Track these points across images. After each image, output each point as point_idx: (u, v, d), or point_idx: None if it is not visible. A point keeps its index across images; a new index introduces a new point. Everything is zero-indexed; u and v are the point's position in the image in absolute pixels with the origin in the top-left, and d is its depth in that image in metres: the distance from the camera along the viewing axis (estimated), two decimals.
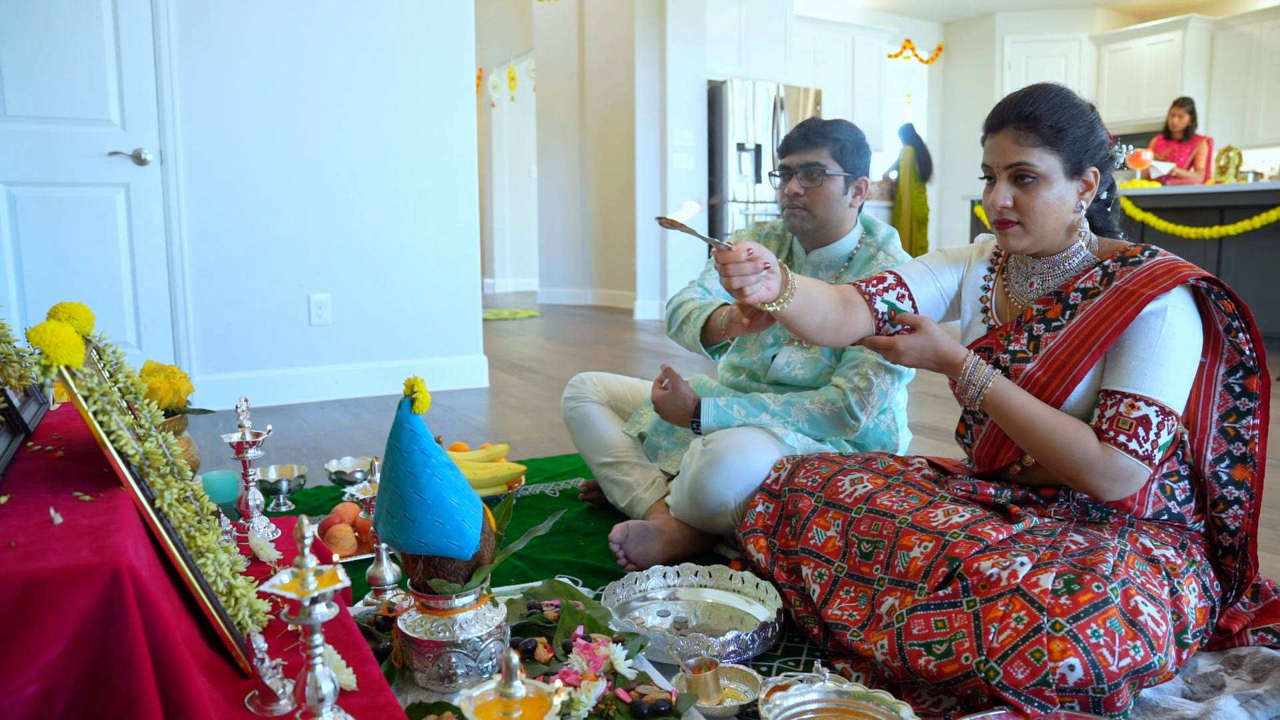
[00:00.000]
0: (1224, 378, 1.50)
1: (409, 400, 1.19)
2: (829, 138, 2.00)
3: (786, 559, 1.62)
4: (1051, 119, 1.43)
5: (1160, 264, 1.43)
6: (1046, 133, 1.43)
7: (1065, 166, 1.45)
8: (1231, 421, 1.50)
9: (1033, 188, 1.45)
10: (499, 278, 11.77)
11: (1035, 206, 1.46)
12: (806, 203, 2.02)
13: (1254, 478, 1.48)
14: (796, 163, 2.02)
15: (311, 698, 0.95)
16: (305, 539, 0.96)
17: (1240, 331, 1.47)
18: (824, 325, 1.56)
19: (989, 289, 1.65)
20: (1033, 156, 1.44)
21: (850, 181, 2.03)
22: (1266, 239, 5.44)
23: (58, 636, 0.80)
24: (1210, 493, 1.51)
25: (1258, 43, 9.09)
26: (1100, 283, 1.48)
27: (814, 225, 2.04)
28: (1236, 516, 1.49)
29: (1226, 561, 1.51)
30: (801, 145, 2.02)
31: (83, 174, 3.48)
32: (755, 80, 8.09)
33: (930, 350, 1.54)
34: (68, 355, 1.00)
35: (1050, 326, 1.50)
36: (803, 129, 2.02)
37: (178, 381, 2.29)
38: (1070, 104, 1.46)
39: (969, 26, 10.70)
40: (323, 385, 4.03)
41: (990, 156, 1.50)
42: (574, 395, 2.33)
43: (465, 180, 4.25)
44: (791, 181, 2.03)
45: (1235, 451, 1.50)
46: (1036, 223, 1.47)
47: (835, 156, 2.00)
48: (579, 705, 1.17)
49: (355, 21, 3.92)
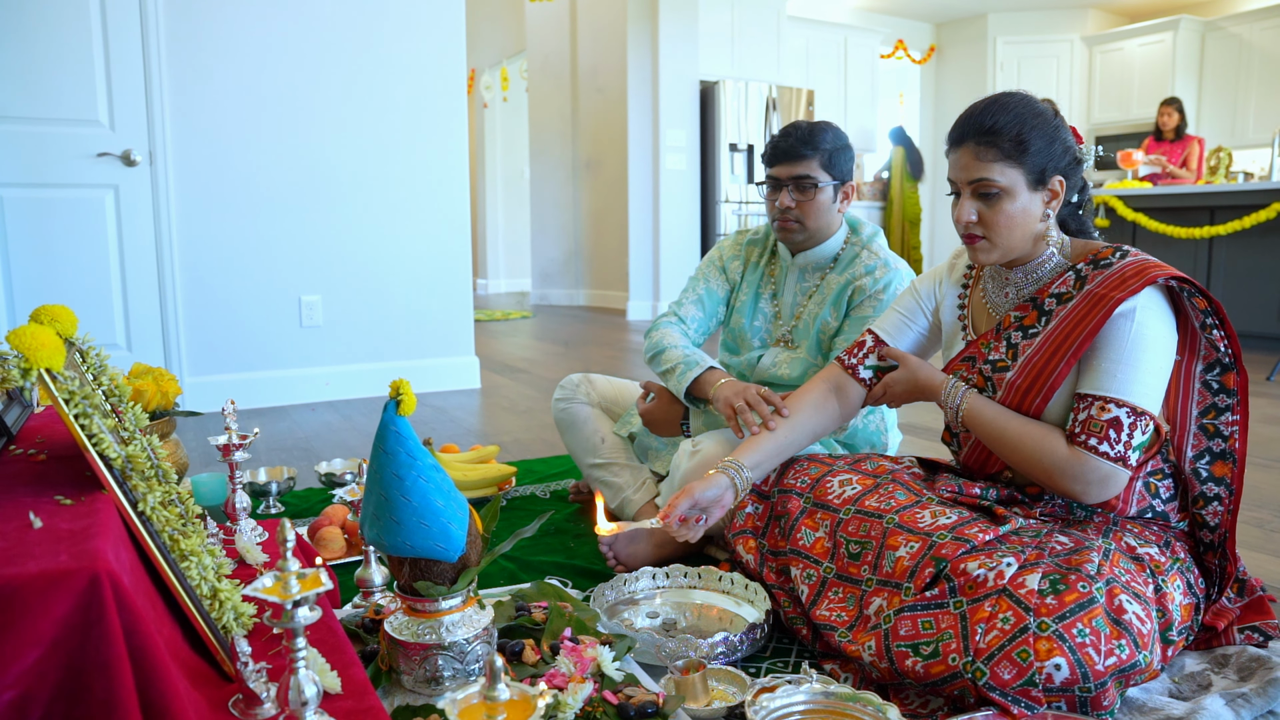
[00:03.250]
0: (1201, 374, 1.51)
1: (394, 402, 1.19)
2: (817, 148, 1.97)
3: (775, 560, 1.62)
4: (1012, 132, 1.42)
5: (1130, 265, 1.43)
6: (1007, 147, 1.43)
7: (1028, 179, 1.45)
8: (1211, 418, 1.50)
9: (996, 202, 1.45)
10: (492, 278, 11.76)
11: (1000, 221, 1.45)
12: (798, 215, 2.00)
13: (1234, 474, 1.49)
14: (786, 175, 1.99)
15: (294, 701, 0.95)
16: (287, 542, 0.96)
17: (1215, 329, 1.47)
18: (823, 431, 1.70)
19: (964, 306, 1.67)
20: (994, 172, 1.43)
21: (839, 188, 2.02)
22: (1257, 239, 5.46)
23: (35, 642, 0.79)
24: (1191, 489, 1.51)
25: (1248, 43, 9.12)
26: (1074, 287, 1.48)
27: (805, 236, 2.04)
28: (1216, 513, 1.49)
29: (1207, 558, 1.51)
30: (790, 156, 1.98)
31: (71, 175, 3.46)
32: (748, 81, 8.10)
33: (911, 381, 1.61)
34: (48, 358, 0.99)
35: (1028, 334, 1.50)
36: (790, 139, 1.98)
37: (165, 384, 2.28)
38: (1032, 114, 1.45)
39: (961, 27, 10.71)
40: (314, 387, 4.02)
41: (953, 171, 1.49)
42: (564, 397, 2.33)
43: (457, 181, 4.25)
44: (782, 195, 2.00)
45: (1215, 448, 1.50)
46: (1002, 236, 1.47)
47: (824, 166, 1.98)
48: (565, 708, 1.17)
49: (345, 22, 3.91)
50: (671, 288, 8.01)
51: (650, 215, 8.06)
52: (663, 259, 8.02)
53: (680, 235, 8.09)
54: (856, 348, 1.71)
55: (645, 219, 8.07)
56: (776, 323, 2.14)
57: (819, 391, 1.69)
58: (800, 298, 2.10)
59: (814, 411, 1.68)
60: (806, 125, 2.00)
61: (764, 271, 2.18)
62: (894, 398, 1.65)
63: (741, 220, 8.13)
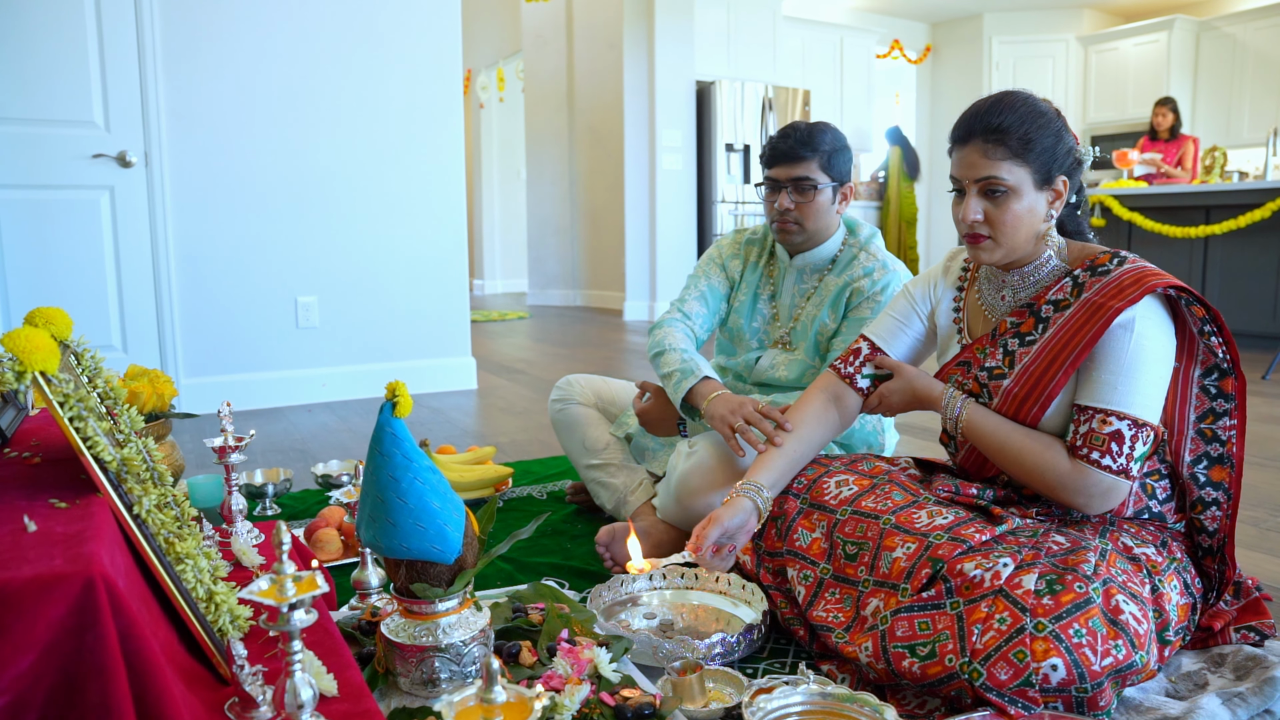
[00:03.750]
0: (1200, 379, 1.50)
1: (390, 404, 1.18)
2: (816, 149, 1.96)
3: (772, 561, 1.61)
4: (1019, 130, 1.42)
5: (1127, 274, 1.41)
6: (1015, 145, 1.42)
7: (1035, 178, 1.44)
8: (1209, 423, 1.50)
9: (1003, 201, 1.44)
10: (488, 279, 11.75)
11: (1006, 220, 1.44)
12: (798, 217, 2.00)
13: (1231, 479, 1.48)
14: (785, 176, 1.99)
15: (290, 704, 0.95)
16: (283, 544, 0.96)
17: (1212, 335, 1.46)
18: (826, 440, 1.69)
19: (959, 309, 1.66)
20: (1001, 170, 1.42)
21: (838, 189, 2.02)
22: (1251, 238, 5.47)
23: (29, 647, 0.79)
24: (1189, 493, 1.51)
25: (1242, 43, 9.14)
26: (1071, 294, 1.47)
27: (804, 237, 2.04)
28: (1215, 518, 1.49)
29: (1206, 562, 1.51)
30: (789, 158, 1.98)
31: (67, 176, 3.45)
32: (744, 81, 8.10)
33: (909, 391, 1.61)
34: (42, 361, 0.99)
35: (1024, 341, 1.49)
36: (789, 140, 1.98)
37: (161, 386, 2.28)
38: (1037, 113, 1.44)
39: (957, 27, 10.73)
40: (310, 388, 4.02)
41: (959, 169, 1.48)
42: (561, 398, 2.33)
43: (453, 181, 4.24)
44: (782, 196, 2.00)
45: (1213, 452, 1.50)
46: (1008, 235, 1.46)
47: (823, 168, 1.98)
48: (562, 709, 1.16)
49: (342, 22, 3.91)
50: (668, 288, 8.01)
51: (647, 216, 8.06)
52: (659, 259, 8.02)
53: (677, 235, 8.09)
54: (852, 355, 1.70)
55: (642, 219, 8.07)
56: (774, 324, 2.13)
57: (819, 402, 1.68)
58: (799, 299, 2.10)
59: (817, 424, 1.66)
60: (805, 126, 1.99)
61: (763, 272, 2.17)
62: (890, 408, 1.64)
63: (738, 220, 8.13)
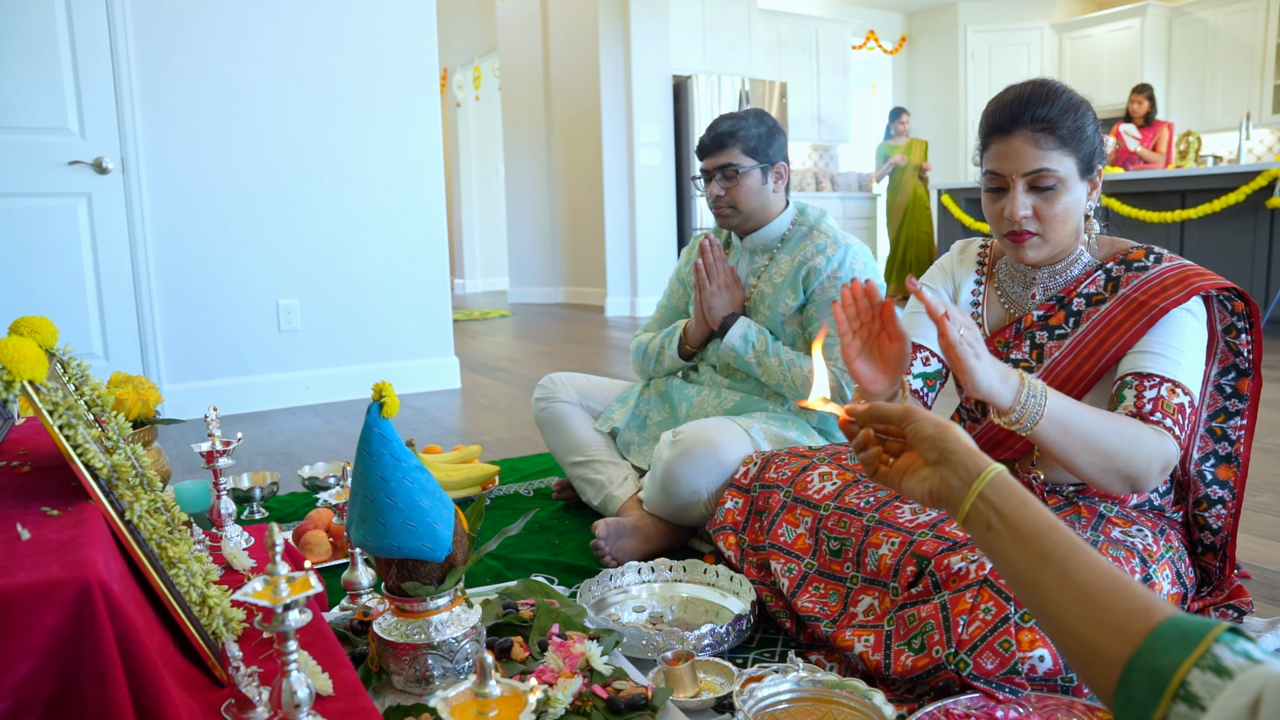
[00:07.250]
0: (1215, 378, 1.47)
1: (377, 405, 1.19)
2: (736, 136, 2.07)
3: (756, 554, 1.62)
4: (1069, 118, 1.33)
5: (1170, 273, 1.37)
6: (1065, 134, 1.33)
7: (1080, 168, 1.36)
8: (1220, 421, 1.48)
9: (1053, 195, 1.35)
10: (469, 278, 11.73)
11: (1056, 215, 1.36)
12: (730, 201, 2.11)
13: (1237, 478, 1.47)
14: (712, 166, 2.11)
15: (287, 704, 0.96)
16: (276, 546, 0.97)
17: (1243, 332, 1.43)
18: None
19: (979, 301, 1.59)
20: (1053, 161, 1.33)
21: (768, 170, 2.11)
22: (1226, 222, 5.54)
23: (28, 654, 0.79)
24: (1194, 491, 1.48)
25: (1214, 29, 9.22)
26: (1105, 288, 1.42)
27: (741, 219, 2.14)
28: (1219, 516, 1.47)
29: (1207, 559, 1.50)
30: (713, 149, 2.10)
31: (42, 184, 3.43)
32: (720, 74, 8.11)
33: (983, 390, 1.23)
34: (30, 370, 0.99)
35: (1054, 334, 1.45)
36: (711, 132, 2.11)
37: (145, 392, 2.27)
38: (1077, 99, 1.36)
39: (931, 17, 10.78)
40: (294, 391, 4.01)
41: (1001, 163, 1.37)
42: (544, 396, 2.34)
43: (432, 181, 4.24)
44: (712, 185, 2.12)
45: (1221, 451, 1.48)
46: (1057, 231, 1.38)
47: (747, 152, 2.08)
48: (555, 703, 1.18)
49: (316, 24, 3.89)
50: (648, 283, 8.02)
51: (626, 211, 8.07)
52: (639, 254, 8.03)
53: (656, 230, 8.10)
54: None
55: (621, 215, 8.08)
56: None
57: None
58: (750, 278, 2.19)
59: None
60: (728, 117, 2.11)
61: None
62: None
63: None
